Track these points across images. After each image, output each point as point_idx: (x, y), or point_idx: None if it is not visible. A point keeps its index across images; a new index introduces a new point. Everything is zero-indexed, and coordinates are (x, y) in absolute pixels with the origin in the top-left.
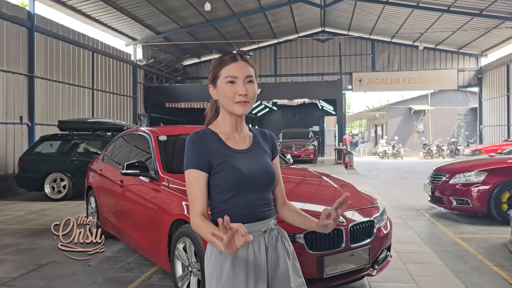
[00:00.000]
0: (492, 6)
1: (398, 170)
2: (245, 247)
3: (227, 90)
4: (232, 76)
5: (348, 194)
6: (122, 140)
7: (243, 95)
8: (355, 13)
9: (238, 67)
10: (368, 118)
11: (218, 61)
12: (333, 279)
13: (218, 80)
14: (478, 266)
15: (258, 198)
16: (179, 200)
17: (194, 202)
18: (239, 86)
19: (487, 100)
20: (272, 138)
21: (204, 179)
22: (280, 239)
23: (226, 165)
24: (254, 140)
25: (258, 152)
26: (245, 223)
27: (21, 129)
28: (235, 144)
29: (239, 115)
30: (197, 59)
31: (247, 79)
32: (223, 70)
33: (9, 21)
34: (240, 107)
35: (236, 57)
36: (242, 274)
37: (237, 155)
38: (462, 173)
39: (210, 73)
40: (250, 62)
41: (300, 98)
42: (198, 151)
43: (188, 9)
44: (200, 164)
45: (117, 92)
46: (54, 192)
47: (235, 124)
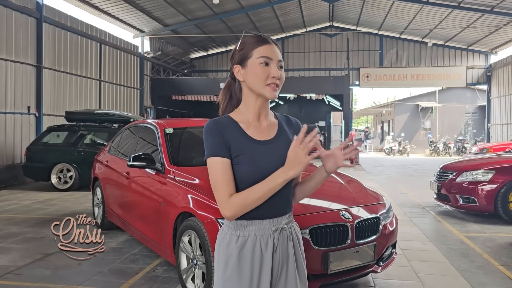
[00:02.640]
0: (504, 3)
1: (404, 167)
2: (252, 243)
3: (261, 71)
4: (267, 57)
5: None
6: (129, 132)
7: (277, 77)
8: (364, 8)
9: (273, 50)
10: (375, 114)
11: (249, 40)
12: (337, 275)
13: (249, 60)
14: (484, 265)
15: (277, 195)
16: (184, 193)
17: (222, 188)
18: (273, 68)
19: (495, 98)
20: (297, 124)
21: (229, 165)
22: (291, 239)
23: (244, 158)
24: (280, 129)
25: (281, 143)
26: (257, 219)
27: (28, 119)
28: (256, 134)
29: (268, 99)
30: (204, 52)
31: (279, 63)
32: (257, 50)
33: (18, 11)
34: (271, 90)
35: (268, 40)
36: (246, 270)
37: (258, 146)
38: (469, 171)
39: (238, 53)
40: (280, 48)
41: (307, 93)
42: (218, 137)
43: (196, 2)
44: (222, 151)
45: (124, 84)
46: (61, 182)
47: (258, 110)
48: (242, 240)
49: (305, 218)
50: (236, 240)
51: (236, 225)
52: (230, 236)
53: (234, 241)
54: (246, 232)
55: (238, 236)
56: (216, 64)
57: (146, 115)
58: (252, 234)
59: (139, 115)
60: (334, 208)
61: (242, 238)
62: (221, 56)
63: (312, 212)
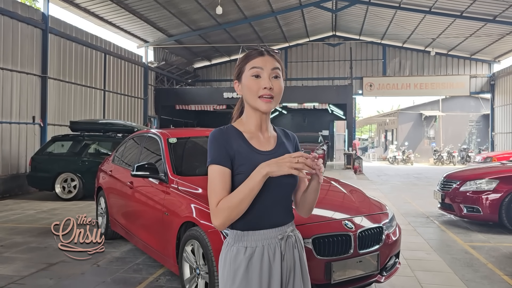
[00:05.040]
0: (507, 12)
1: (408, 176)
2: (260, 254)
3: (252, 83)
4: (257, 67)
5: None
6: (133, 141)
7: (268, 88)
8: (366, 18)
9: (264, 60)
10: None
11: (244, 56)
12: (341, 284)
13: (243, 75)
14: (488, 275)
15: (277, 204)
16: (188, 202)
17: (217, 195)
18: (264, 79)
19: (499, 106)
20: (294, 138)
21: (228, 175)
22: (297, 246)
23: (247, 168)
24: (279, 141)
25: (281, 154)
26: (261, 229)
27: (33, 129)
28: (259, 145)
29: (263, 112)
30: (208, 62)
31: (273, 72)
32: (248, 63)
33: (24, 23)
34: (264, 103)
35: (262, 52)
36: (255, 281)
37: (260, 157)
38: (473, 180)
39: (236, 69)
40: (276, 58)
41: (310, 102)
42: (222, 148)
43: (200, 12)
44: (223, 160)
45: (128, 94)
46: (65, 192)
47: (259, 122)
48: (250, 251)
49: (308, 227)
50: (244, 252)
51: (242, 235)
52: (238, 248)
53: (242, 252)
54: (253, 243)
55: (246, 248)
56: (220, 74)
57: (150, 125)
58: (259, 244)
59: (143, 124)
60: (337, 217)
61: (250, 249)
62: (224, 65)
63: (315, 222)
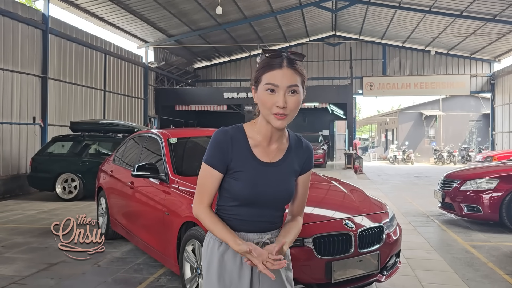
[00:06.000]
0: (507, 11)
1: (408, 175)
2: (232, 252)
3: (266, 98)
4: (272, 84)
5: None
6: (133, 142)
7: (281, 107)
8: (366, 18)
9: (282, 75)
10: (379, 123)
11: (263, 63)
12: (341, 284)
13: (259, 85)
14: (489, 274)
15: (264, 214)
16: (188, 202)
17: (202, 194)
18: (278, 96)
19: (500, 106)
20: (308, 150)
21: (218, 178)
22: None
23: (243, 176)
24: (286, 154)
25: (284, 169)
26: (240, 231)
27: (34, 130)
28: (261, 154)
29: (274, 127)
30: (208, 62)
31: (289, 89)
32: (265, 75)
33: (24, 23)
34: (277, 120)
35: (282, 63)
36: (226, 276)
37: (260, 167)
38: (473, 179)
39: (255, 74)
40: (298, 69)
41: (311, 102)
42: (220, 151)
43: (199, 13)
44: (218, 164)
45: (128, 94)
46: (65, 192)
47: (269, 134)
48: (224, 247)
49: (309, 227)
50: (218, 247)
51: None
52: (214, 242)
53: (216, 247)
54: None
55: (220, 243)
56: (220, 74)
57: (150, 125)
58: None
59: (143, 125)
60: (337, 217)
61: (224, 246)
62: (224, 66)
63: (316, 221)
